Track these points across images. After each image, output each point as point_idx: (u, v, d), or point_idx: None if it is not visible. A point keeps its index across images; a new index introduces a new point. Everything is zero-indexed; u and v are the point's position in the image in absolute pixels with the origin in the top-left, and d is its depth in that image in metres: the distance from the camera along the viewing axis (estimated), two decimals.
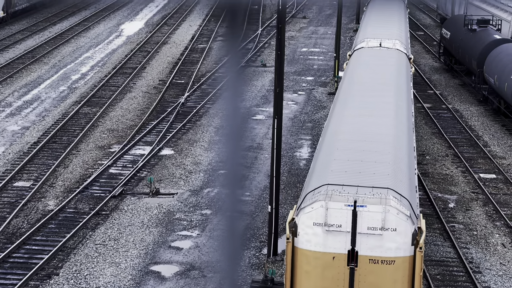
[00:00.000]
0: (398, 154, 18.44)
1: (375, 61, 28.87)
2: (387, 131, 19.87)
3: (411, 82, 28.41)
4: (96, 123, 36.97)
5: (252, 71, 48.65)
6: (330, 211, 15.38)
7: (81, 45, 55.63)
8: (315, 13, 72.31)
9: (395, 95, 23.77)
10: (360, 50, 31.39)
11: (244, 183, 29.72)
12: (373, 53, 30.37)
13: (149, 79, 45.91)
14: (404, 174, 17.56)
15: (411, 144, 20.53)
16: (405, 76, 27.46)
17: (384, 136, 19.36)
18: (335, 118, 21.73)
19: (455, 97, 43.61)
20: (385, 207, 15.21)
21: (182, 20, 66.24)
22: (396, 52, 30.75)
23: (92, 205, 27.29)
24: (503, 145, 35.26)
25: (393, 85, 25.05)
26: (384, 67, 27.91)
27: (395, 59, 29.53)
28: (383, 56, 29.77)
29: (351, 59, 30.73)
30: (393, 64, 28.58)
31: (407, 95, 25.07)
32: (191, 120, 37.72)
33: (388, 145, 18.79)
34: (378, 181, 16.35)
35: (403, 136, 20.06)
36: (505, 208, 28.03)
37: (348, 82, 26.07)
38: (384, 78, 26.02)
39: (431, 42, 59.87)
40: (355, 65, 28.76)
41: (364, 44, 32.04)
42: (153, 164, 31.70)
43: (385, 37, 33.08)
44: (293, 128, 36.97)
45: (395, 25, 38.76)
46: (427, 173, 31.49)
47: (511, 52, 38.19)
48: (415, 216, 16.09)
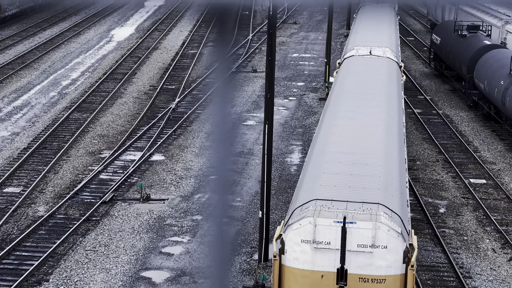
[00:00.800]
0: (389, 167, 18.01)
1: (365, 70, 28.39)
2: (378, 142, 19.44)
3: (402, 91, 27.98)
4: (86, 128, 36.88)
5: (243, 76, 48.66)
6: (319, 228, 14.93)
7: (72, 51, 55.53)
8: (305, 19, 72.42)
9: (386, 106, 23.33)
10: (350, 58, 30.90)
11: (234, 188, 29.70)
12: (363, 62, 29.90)
13: (139, 85, 45.85)
14: (395, 188, 17.12)
15: (402, 155, 20.05)
16: (396, 85, 26.98)
17: (374, 148, 18.92)
18: (325, 129, 21.29)
19: (446, 103, 43.72)
20: (375, 224, 14.79)
21: (173, 26, 66.23)
22: (387, 61, 30.33)
23: (83, 211, 27.20)
24: (493, 150, 35.36)
25: (384, 95, 24.59)
26: (374, 76, 27.42)
27: (386, 67, 29.10)
28: (373, 65, 29.33)
29: (341, 67, 30.22)
30: (383, 73, 28.12)
31: (398, 105, 24.61)
32: (181, 126, 37.68)
33: (378, 157, 18.34)
34: (368, 196, 15.91)
35: (394, 148, 19.62)
36: (495, 213, 28.09)
37: (337, 92, 25.56)
38: (374, 87, 25.52)
39: (421, 47, 60.04)
40: (345, 74, 28.25)
41: (354, 52, 31.57)
42: (144, 169, 31.64)
43: (375, 45, 32.68)
44: (284, 134, 36.98)
45: (385, 32, 38.30)
46: (418, 178, 31.54)
47: (501, 58, 38.32)
48: (407, 232, 15.65)
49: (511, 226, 27.09)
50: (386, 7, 50.65)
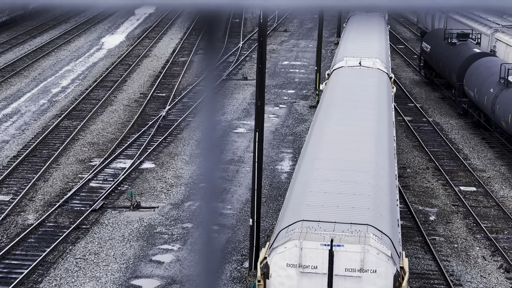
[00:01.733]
0: (379, 184, 17.36)
1: (354, 82, 27.75)
2: (368, 158, 18.79)
3: (392, 103, 27.39)
4: (76, 136, 36.79)
5: (233, 84, 48.67)
6: (305, 251, 14.27)
7: (62, 58, 55.43)
8: (296, 27, 72.55)
9: (376, 119, 22.72)
10: (339, 69, 30.27)
11: (224, 196, 29.66)
12: (352, 73, 29.22)
13: (130, 92, 45.79)
14: (385, 207, 16.47)
15: (393, 171, 19.40)
16: (386, 98, 26.37)
17: (364, 165, 18.29)
18: (312, 145, 20.61)
19: (436, 110, 43.83)
20: (364, 247, 14.18)
21: (163, 34, 66.23)
22: (377, 72, 29.71)
23: (73, 219, 27.10)
24: (483, 158, 35.45)
25: (374, 108, 23.95)
26: (364, 88, 26.79)
27: (376, 79, 28.48)
28: (363, 77, 28.68)
29: (330, 79, 29.60)
30: (373, 85, 27.50)
31: (388, 118, 23.98)
32: (172, 133, 37.63)
33: (368, 174, 17.71)
34: (357, 217, 15.29)
35: (384, 164, 18.98)
36: (485, 220, 28.14)
37: (326, 105, 24.95)
38: (364, 100, 24.87)
39: (411, 55, 60.21)
40: (334, 86, 27.64)
41: (343, 63, 30.95)
42: (134, 177, 31.57)
43: (365, 56, 32.07)
44: (275, 141, 36.98)
45: (376, 42, 37.64)
46: (408, 186, 31.58)
47: (491, 66, 38.47)
48: (397, 254, 15.07)
49: (501, 233, 27.15)
50: (376, 16, 49.90)
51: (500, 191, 31.22)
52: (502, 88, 35.39)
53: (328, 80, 29.89)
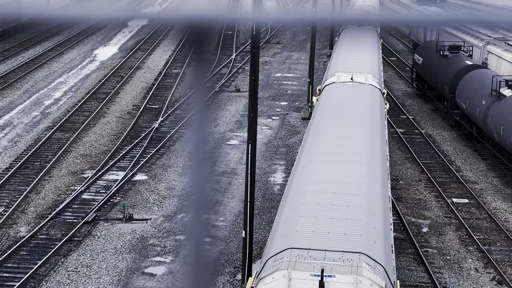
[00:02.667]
0: (372, 208, 16.61)
1: (346, 99, 26.96)
2: (360, 180, 18.00)
3: (385, 121, 26.63)
4: (69, 148, 36.71)
5: (226, 96, 48.70)
6: (294, 282, 13.55)
7: (54, 70, 55.39)
8: (289, 39, 72.70)
9: (369, 138, 21.95)
10: (330, 85, 29.54)
11: (217, 208, 29.62)
12: (344, 89, 28.49)
13: (123, 104, 45.76)
14: (379, 233, 15.73)
15: (386, 193, 18.62)
16: (378, 115, 25.60)
17: (356, 187, 17.51)
18: (303, 165, 19.79)
19: (428, 122, 43.93)
20: (356, 278, 13.50)
21: (156, 46, 66.27)
22: (369, 88, 28.97)
23: (65, 231, 27.02)
24: (475, 170, 35.52)
25: (366, 126, 23.16)
26: (356, 105, 26.00)
27: (368, 95, 27.77)
28: (355, 93, 27.90)
29: (322, 95, 28.85)
30: (366, 101, 26.76)
31: (381, 136, 23.15)
32: (165, 145, 37.60)
33: (360, 197, 16.94)
34: (349, 244, 14.62)
35: (377, 186, 18.19)
36: (477, 232, 28.17)
37: (317, 123, 24.11)
38: (356, 118, 24.09)
39: (403, 67, 60.39)
40: (325, 102, 26.86)
41: (335, 78, 30.24)
42: (127, 189, 31.50)
43: (357, 71, 31.39)
44: (267, 153, 36.98)
45: (368, 57, 36.88)
46: (401, 198, 31.61)
47: (483, 78, 38.61)
48: (392, 284, 14.42)
49: (493, 245, 27.18)
50: (369, 30, 49.06)
51: (493, 203, 31.27)
52: (494, 100, 35.51)
53: (319, 96, 29.13)
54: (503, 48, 46.75)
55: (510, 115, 33.24)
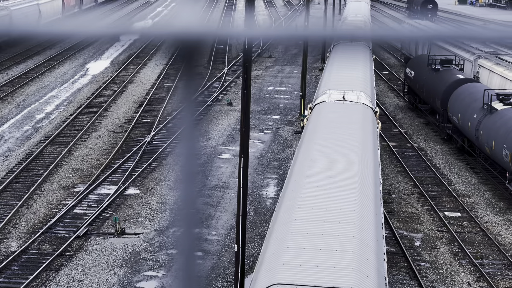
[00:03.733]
0: (364, 238, 15.71)
1: (337, 119, 25.91)
2: (351, 207, 17.07)
3: (378, 141, 25.70)
4: (60, 162, 36.61)
5: (218, 109, 48.71)
6: None
7: (46, 84, 55.33)
8: (281, 52, 72.86)
9: (360, 161, 21.02)
10: (321, 104, 28.60)
11: (209, 222, 29.55)
12: (335, 109, 27.47)
13: (114, 118, 45.71)
14: (371, 266, 14.90)
15: (379, 221, 17.67)
16: (371, 136, 24.69)
17: (347, 215, 16.56)
18: (291, 190, 18.69)
19: (420, 136, 44.02)
20: None
21: (148, 60, 66.32)
22: (361, 107, 28.00)
23: (56, 246, 26.89)
24: (467, 183, 35.57)
25: (357, 148, 22.23)
26: (347, 125, 24.86)
27: (360, 115, 26.82)
28: (346, 112, 26.93)
29: (312, 114, 28.00)
30: (357, 121, 25.78)
31: (373, 159, 22.26)
32: (157, 159, 37.53)
33: (352, 226, 16.02)
34: (339, 279, 13.76)
35: (369, 213, 17.23)
36: (470, 246, 28.18)
37: (307, 145, 23.08)
38: (347, 139, 23.06)
39: (395, 81, 60.57)
40: (316, 123, 25.83)
41: (326, 96, 29.29)
42: (119, 203, 31.41)
43: (349, 88, 30.52)
44: (259, 167, 36.95)
45: (360, 74, 35.88)
46: (393, 211, 31.60)
47: (474, 92, 38.73)
48: None
49: (486, 259, 27.18)
50: (361, 46, 48.01)
51: (485, 216, 31.30)
52: (485, 114, 35.61)
53: (309, 116, 28.34)
54: (494, 62, 46.95)
55: (501, 128, 33.34)
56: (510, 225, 30.33)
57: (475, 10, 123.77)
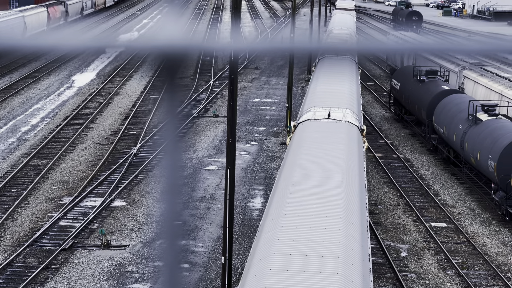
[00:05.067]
0: (349, 275, 14.83)
1: (322, 139, 24.63)
2: (335, 238, 15.82)
3: (364, 162, 24.63)
4: (46, 175, 36.45)
5: (204, 121, 48.70)
6: None
7: (31, 96, 55.16)
8: (267, 64, 73.01)
9: (346, 186, 19.66)
10: (305, 122, 27.34)
11: (196, 234, 29.49)
12: (320, 128, 26.24)
13: (100, 130, 45.60)
14: None
15: (366, 253, 16.61)
16: (356, 157, 23.46)
17: (331, 247, 15.39)
18: (271, 221, 17.30)
19: (406, 147, 44.16)
20: None
21: (134, 71, 66.26)
22: (347, 126, 26.76)
23: (42, 259, 26.75)
24: (453, 194, 35.69)
25: (342, 172, 20.85)
26: (332, 146, 23.64)
27: (345, 134, 25.56)
28: (331, 132, 25.66)
29: (296, 133, 26.66)
30: (343, 141, 24.48)
31: (359, 182, 21.08)
32: (143, 171, 37.45)
33: (336, 261, 15.00)
34: None
35: (355, 245, 16.01)
36: (456, 256, 28.25)
37: (290, 167, 21.66)
38: (332, 162, 21.71)
39: (381, 92, 60.79)
40: (299, 143, 24.50)
41: (310, 114, 28.08)
42: (105, 216, 31.29)
43: (335, 105, 29.34)
44: (246, 179, 36.94)
45: (346, 90, 34.58)
46: (379, 222, 31.65)
47: (459, 102, 38.93)
48: None
49: (471, 269, 27.26)
50: (347, 60, 46.52)
51: (470, 227, 31.41)
52: (470, 125, 35.80)
53: (293, 135, 26.87)
54: (479, 73, 47.24)
55: (486, 139, 33.51)
56: (496, 236, 30.46)
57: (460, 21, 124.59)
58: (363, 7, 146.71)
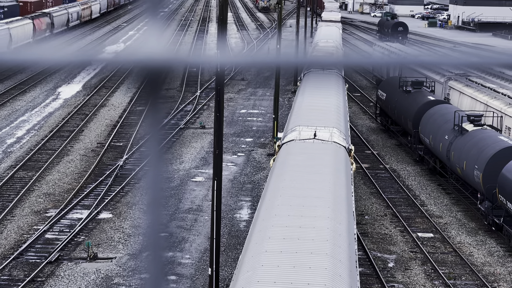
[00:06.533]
0: None
1: (307, 161, 22.98)
2: (320, 280, 14.54)
3: (352, 186, 22.95)
4: (32, 187, 36.28)
5: (191, 133, 48.66)
6: None
7: (17, 109, 54.95)
8: (253, 75, 73.10)
9: (333, 216, 17.96)
10: (290, 143, 25.66)
11: (183, 245, 29.40)
12: (305, 149, 24.59)
13: (87, 142, 45.46)
14: None
15: (354, 284, 15.59)
16: (344, 182, 21.86)
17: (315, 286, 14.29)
18: (251, 256, 15.92)
19: (392, 157, 44.27)
20: None
21: (121, 83, 66.17)
22: (334, 147, 25.14)
23: (27, 272, 26.58)
24: (440, 204, 35.78)
25: (329, 199, 19.24)
26: (318, 169, 22.05)
27: (332, 157, 23.92)
28: (317, 154, 24.02)
29: (280, 155, 25.08)
30: (329, 164, 22.80)
31: (347, 210, 19.46)
32: (130, 183, 37.34)
33: None
34: None
35: (343, 285, 14.88)
36: (443, 267, 28.30)
37: (271, 196, 19.86)
38: (318, 188, 20.11)
39: (367, 103, 60.96)
40: (283, 166, 22.86)
41: (295, 134, 26.39)
42: (91, 228, 31.16)
43: (321, 124, 27.73)
44: (233, 190, 36.90)
45: (333, 108, 32.92)
46: (366, 233, 31.68)
47: (445, 113, 39.09)
48: None
49: (458, 279, 27.31)
50: (333, 74, 44.61)
51: (457, 237, 31.48)
52: (456, 135, 35.94)
53: (277, 156, 25.39)
54: (464, 83, 47.48)
55: (472, 149, 33.65)
56: (482, 246, 30.54)
57: (445, 32, 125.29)
58: (349, 18, 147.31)
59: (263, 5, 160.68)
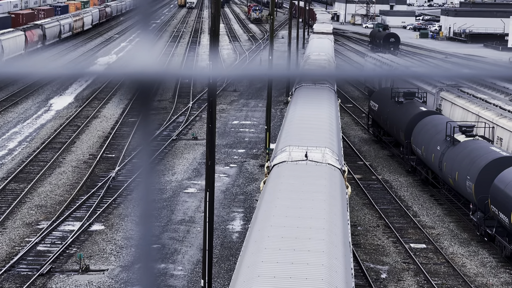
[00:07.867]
0: None
1: (299, 186, 21.60)
2: None
3: (348, 212, 21.83)
4: (23, 199, 36.15)
5: (183, 144, 48.62)
6: None
7: (9, 120, 54.82)
8: (245, 86, 73.16)
9: (328, 249, 16.80)
10: (281, 165, 24.29)
11: (175, 257, 29.33)
12: (297, 172, 23.27)
13: (79, 154, 45.36)
14: None
15: None
16: (339, 209, 20.61)
17: None
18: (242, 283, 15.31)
19: (385, 168, 44.31)
20: None
21: (113, 95, 66.13)
22: (327, 169, 23.85)
23: (19, 284, 26.45)
24: (432, 215, 35.81)
25: (324, 229, 17.98)
26: (311, 195, 20.67)
27: (326, 180, 22.60)
28: (310, 177, 22.70)
29: (270, 178, 23.81)
30: (323, 189, 21.50)
31: (343, 241, 18.21)
32: (122, 194, 37.25)
33: None
34: None
35: None
36: (435, 277, 28.29)
37: (261, 226, 18.55)
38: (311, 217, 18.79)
39: (360, 114, 61.05)
40: (273, 192, 21.42)
41: (286, 155, 24.93)
42: (83, 240, 31.05)
43: (313, 144, 26.36)
44: (225, 201, 36.86)
45: (325, 125, 31.71)
46: (359, 243, 31.66)
47: (437, 124, 39.18)
48: None
49: None
50: (325, 89, 43.19)
51: (450, 247, 31.50)
52: (448, 146, 36.01)
53: (267, 178, 24.11)
54: (456, 94, 47.63)
55: (464, 160, 33.71)
56: (475, 256, 30.56)
57: (436, 43, 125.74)
58: (341, 29, 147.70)
59: (255, 17, 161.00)
